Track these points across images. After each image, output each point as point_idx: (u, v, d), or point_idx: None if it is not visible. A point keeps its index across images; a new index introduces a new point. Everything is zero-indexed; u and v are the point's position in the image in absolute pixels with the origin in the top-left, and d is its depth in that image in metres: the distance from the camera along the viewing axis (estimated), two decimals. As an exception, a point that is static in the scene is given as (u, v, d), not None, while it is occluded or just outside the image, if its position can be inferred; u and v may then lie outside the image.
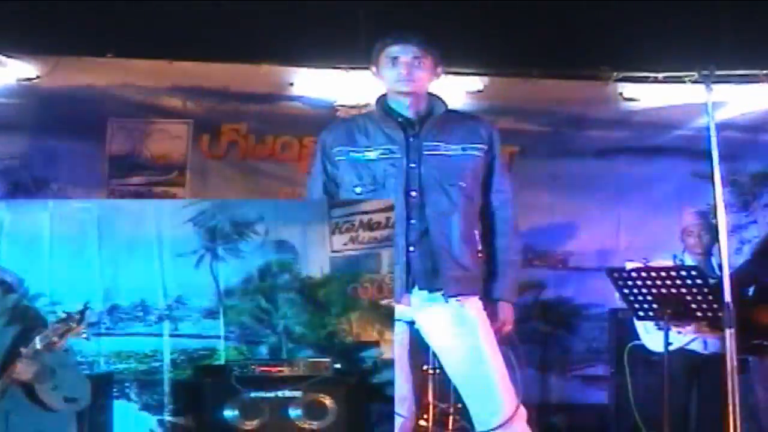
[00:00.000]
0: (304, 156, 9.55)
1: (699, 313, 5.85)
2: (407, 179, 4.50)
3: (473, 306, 4.55)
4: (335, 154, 4.64)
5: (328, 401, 5.82)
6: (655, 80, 9.63)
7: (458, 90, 9.31)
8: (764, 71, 9.42)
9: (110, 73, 9.44)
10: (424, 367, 7.47)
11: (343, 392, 5.86)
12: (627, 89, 9.67)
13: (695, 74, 9.35)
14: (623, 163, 9.67)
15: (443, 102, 4.69)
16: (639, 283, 5.95)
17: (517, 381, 4.59)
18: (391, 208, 4.49)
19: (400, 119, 4.59)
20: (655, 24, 8.84)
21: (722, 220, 4.39)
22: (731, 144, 9.48)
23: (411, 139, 4.56)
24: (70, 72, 9.39)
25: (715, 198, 4.27)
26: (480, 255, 4.60)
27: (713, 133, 4.36)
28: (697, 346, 6.58)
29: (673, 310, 5.83)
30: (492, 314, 4.61)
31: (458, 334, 4.50)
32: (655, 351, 6.53)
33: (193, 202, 7.31)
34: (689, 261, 6.77)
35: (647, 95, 9.69)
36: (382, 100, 4.68)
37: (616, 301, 6.24)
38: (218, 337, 6.60)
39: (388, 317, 4.97)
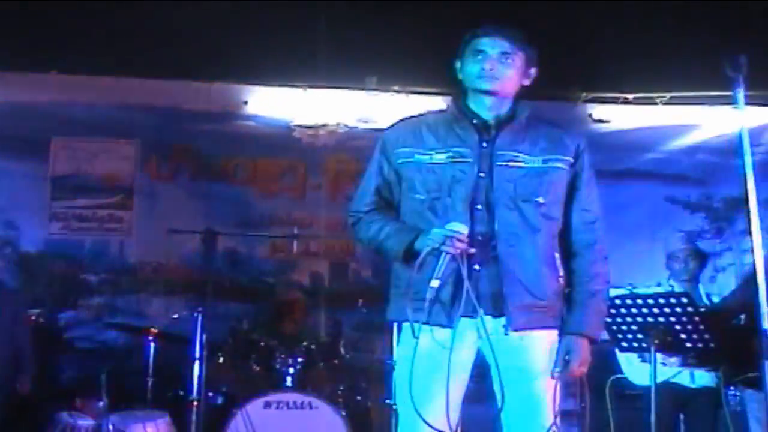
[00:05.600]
0: (258, 178, 9.41)
1: (688, 344, 5.46)
2: (474, 190, 3.91)
3: (542, 342, 3.95)
4: (398, 155, 4.07)
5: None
6: (626, 101, 9.43)
7: (426, 110, 8.98)
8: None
9: (54, 90, 9.17)
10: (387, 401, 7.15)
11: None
12: (597, 110, 9.46)
13: (666, 95, 9.15)
14: (594, 187, 9.33)
15: (527, 108, 4.08)
16: (623, 311, 5.53)
17: None
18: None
19: (475, 121, 4.02)
20: (624, 44, 8.49)
21: (758, 244, 3.74)
22: (704, 168, 9.50)
23: (484, 145, 3.98)
24: (12, 88, 9.10)
25: (750, 222, 3.67)
26: (560, 281, 4.00)
27: (747, 150, 3.64)
28: (683, 379, 6.16)
29: (660, 340, 5.43)
30: (567, 350, 3.95)
31: (517, 372, 3.91)
32: (639, 384, 6.12)
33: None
34: (676, 288, 6.37)
35: (618, 117, 9.48)
36: (459, 98, 4.10)
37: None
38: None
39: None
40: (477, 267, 3.84)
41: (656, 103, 9.30)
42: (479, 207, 3.89)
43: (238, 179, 9.42)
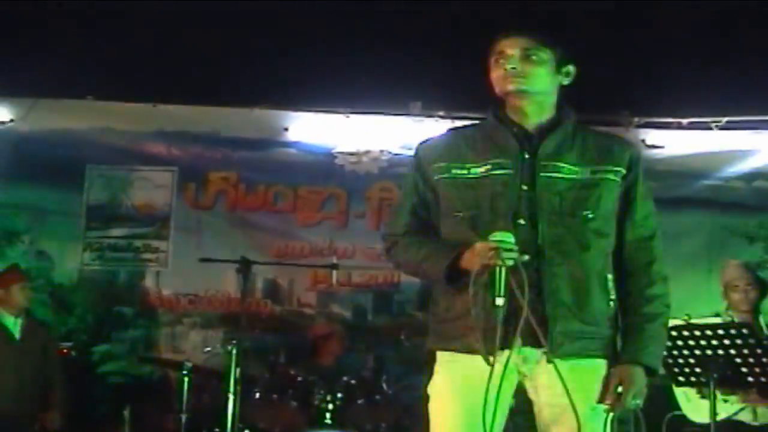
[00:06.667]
0: (299, 206, 9.17)
1: (750, 378, 5.15)
2: (517, 204, 3.58)
3: (590, 373, 3.58)
4: (434, 171, 3.75)
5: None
6: (679, 126, 9.08)
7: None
8: (799, 116, 8.84)
9: (90, 117, 9.04)
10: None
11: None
12: (650, 136, 9.10)
13: (722, 120, 8.88)
14: (648, 215, 9.07)
15: (573, 114, 3.77)
16: (680, 343, 5.24)
17: None
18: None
19: (515, 130, 3.70)
20: (678, 67, 8.24)
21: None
22: (762, 195, 9.13)
23: (526, 155, 3.65)
24: (47, 115, 8.99)
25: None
26: (612, 305, 3.64)
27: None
28: (745, 417, 5.85)
29: (720, 374, 5.11)
30: (620, 380, 3.62)
31: (562, 407, 3.52)
32: (698, 422, 5.80)
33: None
34: (735, 319, 6.07)
35: (671, 142, 9.12)
36: (496, 107, 3.78)
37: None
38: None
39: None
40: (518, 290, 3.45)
41: (711, 128, 8.96)
42: (522, 222, 3.55)
43: (278, 208, 9.18)
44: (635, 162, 3.73)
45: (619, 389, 3.55)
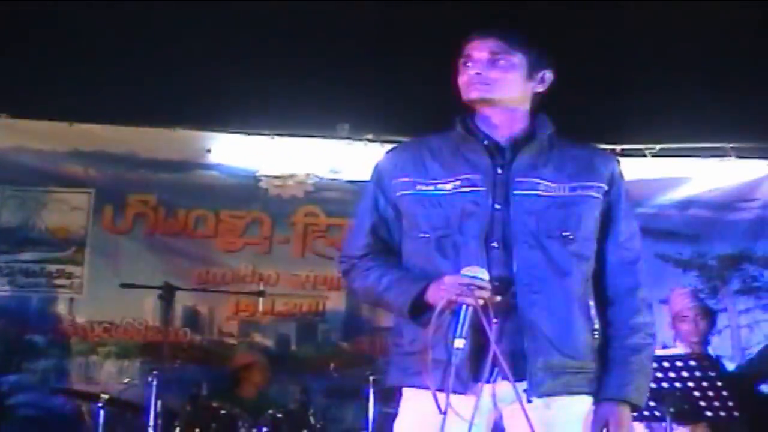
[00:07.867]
0: (221, 232, 8.87)
1: (709, 413, 4.94)
2: (489, 224, 3.29)
3: (573, 411, 3.30)
4: (396, 186, 3.46)
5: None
6: (612, 152, 8.82)
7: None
8: (731, 144, 8.72)
9: (2, 135, 8.67)
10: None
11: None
12: None
13: (655, 147, 8.78)
14: (579, 244, 8.92)
15: (550, 124, 3.49)
16: None
17: None
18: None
19: (486, 142, 3.43)
20: (610, 94, 8.12)
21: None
22: (697, 223, 9.04)
23: (499, 171, 3.36)
24: None
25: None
26: (596, 335, 3.40)
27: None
28: (699, 453, 5.65)
29: (676, 408, 4.89)
30: (605, 421, 3.34)
31: None
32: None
33: None
34: (682, 351, 5.88)
35: None
36: (466, 116, 3.49)
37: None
38: None
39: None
40: (494, 320, 3.16)
41: (645, 155, 8.87)
42: (495, 245, 3.27)
43: (199, 233, 8.86)
44: (618, 177, 3.49)
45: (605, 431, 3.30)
